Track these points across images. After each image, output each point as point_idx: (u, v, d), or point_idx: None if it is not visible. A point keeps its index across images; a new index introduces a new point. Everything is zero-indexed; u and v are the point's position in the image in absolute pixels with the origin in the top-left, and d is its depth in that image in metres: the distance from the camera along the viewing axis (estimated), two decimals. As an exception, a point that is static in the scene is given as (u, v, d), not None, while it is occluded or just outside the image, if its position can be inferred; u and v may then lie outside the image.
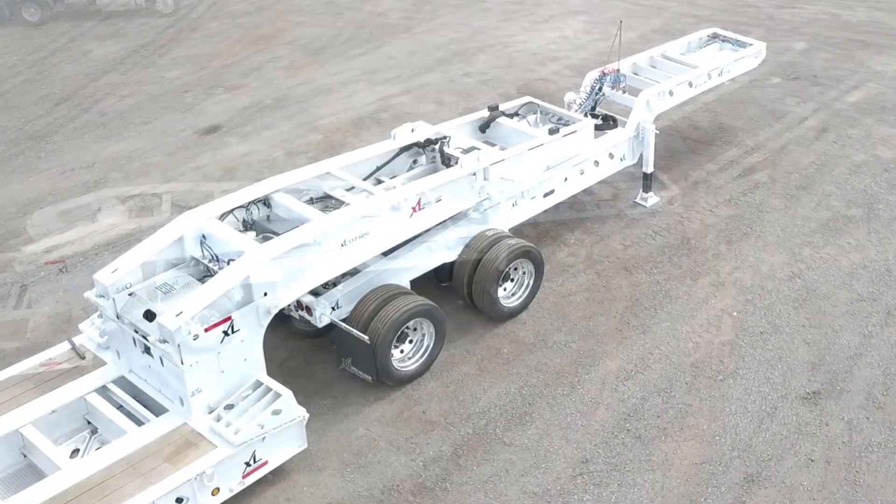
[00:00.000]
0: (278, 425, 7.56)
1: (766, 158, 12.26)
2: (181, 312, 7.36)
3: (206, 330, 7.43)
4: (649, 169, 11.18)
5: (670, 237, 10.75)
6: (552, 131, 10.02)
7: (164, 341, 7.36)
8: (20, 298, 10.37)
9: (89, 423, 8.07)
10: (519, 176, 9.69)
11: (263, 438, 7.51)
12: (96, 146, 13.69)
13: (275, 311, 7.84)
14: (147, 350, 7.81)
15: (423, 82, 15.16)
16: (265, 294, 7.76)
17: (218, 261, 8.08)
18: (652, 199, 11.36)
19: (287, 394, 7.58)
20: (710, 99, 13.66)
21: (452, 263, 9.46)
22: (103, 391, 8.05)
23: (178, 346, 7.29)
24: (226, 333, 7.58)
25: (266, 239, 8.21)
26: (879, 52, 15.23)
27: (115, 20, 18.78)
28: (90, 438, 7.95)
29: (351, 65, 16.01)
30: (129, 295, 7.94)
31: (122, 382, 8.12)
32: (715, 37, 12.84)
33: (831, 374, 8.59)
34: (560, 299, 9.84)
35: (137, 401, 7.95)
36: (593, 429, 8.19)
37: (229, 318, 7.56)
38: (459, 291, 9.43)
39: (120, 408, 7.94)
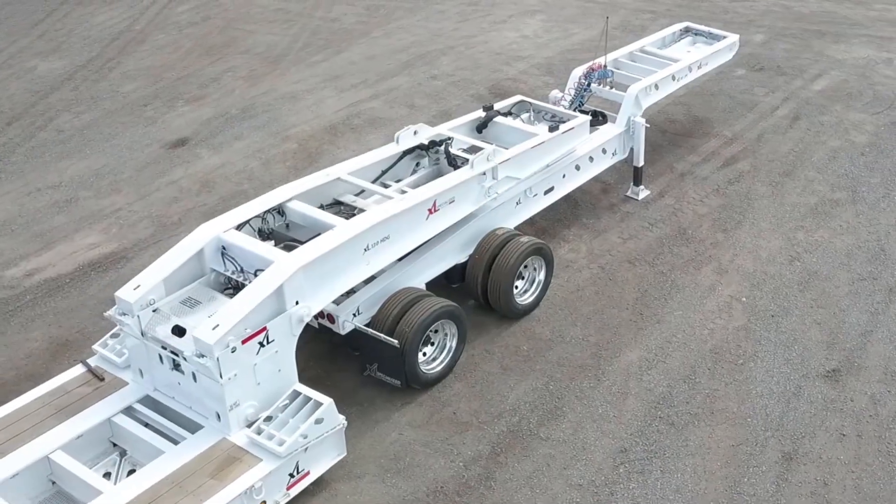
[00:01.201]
0: (321, 434, 7.63)
1: (746, 148, 12.76)
2: (217, 325, 7.37)
3: (244, 342, 7.46)
4: (640, 163, 11.55)
5: (667, 228, 11.13)
6: (552, 128, 10.28)
7: (202, 356, 7.35)
8: (8, 324, 10.16)
9: (115, 445, 8.01)
10: (524, 174, 9.93)
11: (306, 449, 7.57)
12: (59, 165, 13.44)
13: (307, 320, 7.91)
14: (176, 367, 7.79)
15: (390, 86, 15.30)
16: (297, 303, 7.82)
17: (243, 272, 8.10)
18: (643, 192, 11.73)
19: (328, 402, 7.65)
20: (682, 92, 14.09)
21: (464, 264, 9.66)
22: (129, 412, 8.00)
23: (217, 359, 7.30)
24: (261, 345, 7.62)
25: (288, 247, 8.27)
26: (835, 41, 15.96)
27: (53, 35, 18.42)
28: (120, 461, 7.89)
29: (312, 71, 16.04)
30: (154, 311, 7.91)
31: (147, 402, 8.08)
32: (687, 31, 13.32)
33: (846, 351, 9.04)
34: (569, 294, 10.10)
35: (166, 419, 7.93)
36: (626, 419, 8.46)
37: (264, 329, 7.61)
38: (473, 292, 9.61)
39: (146, 426, 7.90)
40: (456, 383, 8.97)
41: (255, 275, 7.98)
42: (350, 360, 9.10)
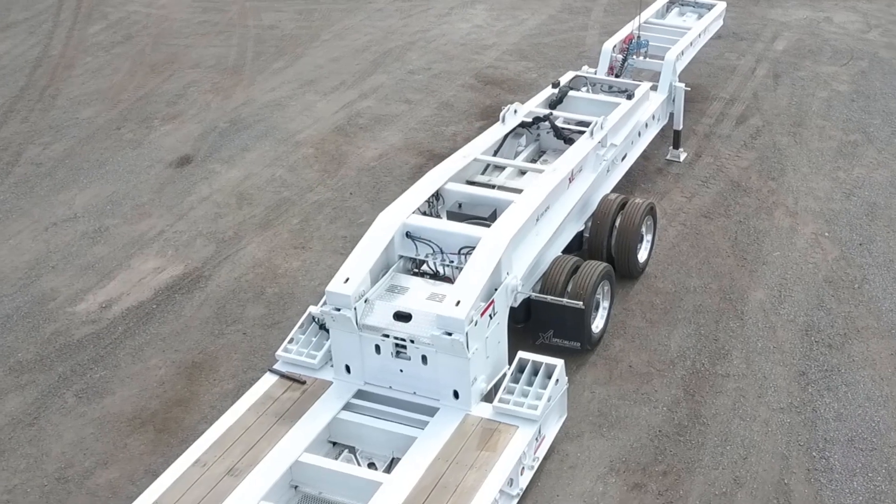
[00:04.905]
0: (559, 394, 8.20)
1: (749, 106, 14.23)
2: (459, 302, 7.80)
3: (481, 315, 7.93)
4: (679, 126, 12.71)
5: (721, 184, 12.33)
6: (629, 96, 11.22)
7: (449, 334, 7.74)
8: (117, 357, 9.97)
9: (334, 444, 8.21)
10: (619, 140, 10.81)
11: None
12: (59, 197, 13.02)
13: (520, 289, 8.46)
14: (398, 354, 8.11)
15: (373, 85, 15.74)
16: (507, 274, 8.36)
17: (442, 253, 8.52)
18: (682, 153, 12.89)
19: (560, 363, 8.22)
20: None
21: (580, 232, 10.42)
22: (349, 408, 8.24)
23: (467, 334, 7.73)
24: (490, 317, 8.11)
25: (478, 224, 8.75)
26: (771, 6, 17.86)
27: (-40, 68, 17.47)
28: (356, 457, 8.11)
29: (281, 78, 16.20)
30: (365, 302, 8.20)
31: (361, 396, 8.34)
32: (673, 2, 14.65)
33: (941, 263, 10.56)
34: (668, 251, 11.08)
35: (391, 408, 8.23)
36: (786, 347, 9.52)
37: (493, 302, 8.10)
38: (597, 256, 10.36)
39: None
40: (615, 341, 9.72)
41: (460, 253, 8.44)
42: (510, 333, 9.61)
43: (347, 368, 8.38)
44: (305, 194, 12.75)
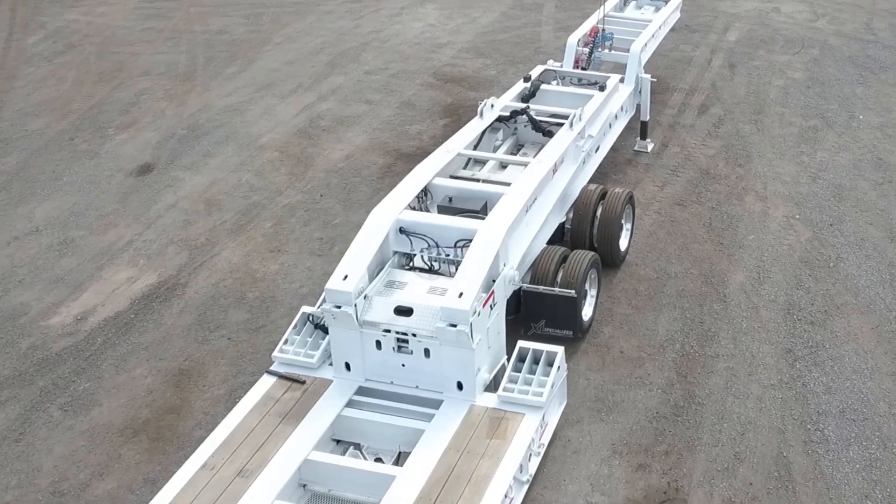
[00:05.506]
0: (562, 381, 8.44)
1: (709, 96, 14.69)
2: (462, 293, 7.99)
3: (483, 306, 8.12)
4: (646, 117, 13.08)
5: (690, 172, 12.72)
6: (602, 88, 11.54)
7: (453, 325, 7.92)
8: (100, 368, 9.94)
9: (338, 442, 8.33)
10: (594, 131, 11.12)
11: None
12: (18, 211, 12.89)
13: (517, 279, 8.67)
14: (400, 348, 8.26)
15: (331, 87, 15.85)
16: (504, 265, 8.57)
17: (438, 247, 8.69)
18: (650, 144, 13.27)
19: (561, 350, 8.46)
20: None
21: (561, 224, 10.69)
22: (352, 405, 8.36)
23: (471, 325, 7.91)
24: (490, 308, 8.31)
25: (472, 218, 8.94)
26: (719, -2, 18.47)
27: None
28: (362, 453, 8.23)
29: (236, 83, 16.22)
30: (364, 298, 8.34)
31: (363, 392, 8.47)
32: (630, -5, 15.10)
33: (909, 240, 11.07)
34: (646, 239, 11.41)
35: (394, 403, 8.38)
36: (770, 327, 9.90)
37: (493, 293, 8.30)
38: (580, 245, 10.62)
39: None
40: (604, 328, 10.00)
41: (456, 246, 8.62)
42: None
43: (347, 366, 8.50)
44: (275, 198, 12.81)
